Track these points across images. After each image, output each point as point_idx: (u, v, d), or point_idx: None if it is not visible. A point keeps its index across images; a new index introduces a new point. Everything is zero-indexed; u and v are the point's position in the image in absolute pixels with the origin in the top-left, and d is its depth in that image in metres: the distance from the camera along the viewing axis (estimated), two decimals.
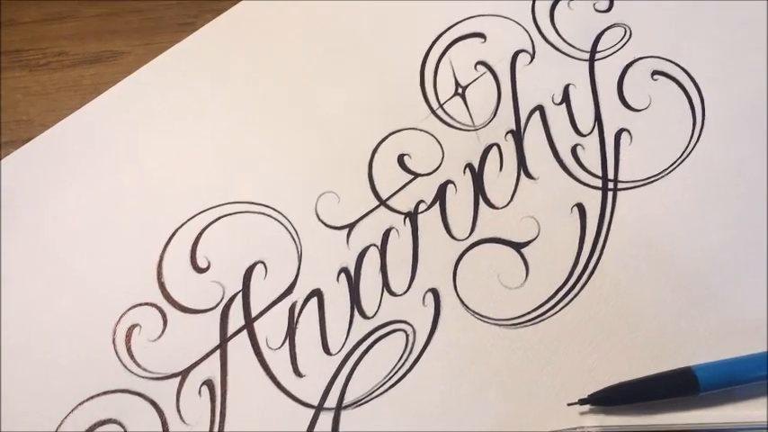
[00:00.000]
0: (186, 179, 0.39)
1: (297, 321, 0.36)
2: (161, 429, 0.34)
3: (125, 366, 0.35)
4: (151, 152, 0.40)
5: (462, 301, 0.37)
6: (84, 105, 0.40)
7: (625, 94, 0.41)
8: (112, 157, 0.39)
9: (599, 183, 0.39)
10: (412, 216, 0.38)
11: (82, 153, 0.39)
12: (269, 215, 0.38)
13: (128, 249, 0.37)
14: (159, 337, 0.36)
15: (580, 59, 0.42)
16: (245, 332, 0.36)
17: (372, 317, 0.36)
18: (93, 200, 0.38)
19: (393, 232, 0.38)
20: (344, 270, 0.37)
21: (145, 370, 0.35)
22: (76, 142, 0.39)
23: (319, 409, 0.35)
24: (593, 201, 0.39)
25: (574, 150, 0.40)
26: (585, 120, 0.41)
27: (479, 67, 0.42)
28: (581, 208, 0.39)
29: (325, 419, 0.34)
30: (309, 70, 0.42)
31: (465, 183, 0.39)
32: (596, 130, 0.40)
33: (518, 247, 0.38)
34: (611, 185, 0.39)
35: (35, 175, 0.39)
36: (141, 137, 0.40)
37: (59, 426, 0.34)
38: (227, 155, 0.40)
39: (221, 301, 0.36)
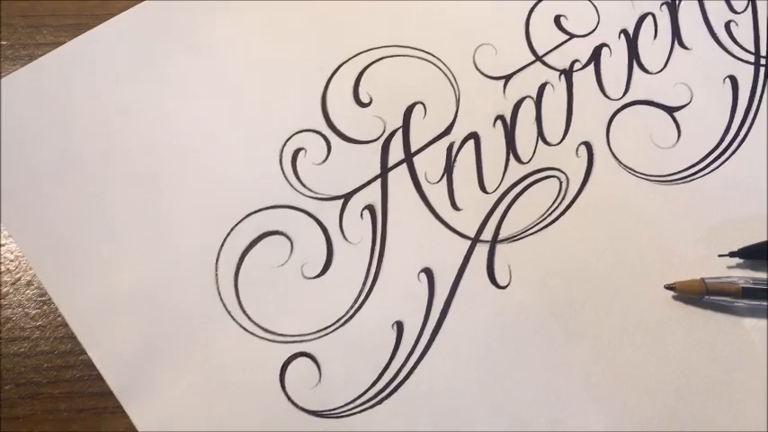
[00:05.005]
0: (353, 19, 0.40)
1: (454, 160, 0.37)
2: (325, 244, 0.35)
3: (291, 185, 0.36)
4: None
5: (615, 156, 0.37)
6: None
7: None
8: None
9: (751, 58, 0.40)
10: (567, 73, 0.39)
11: None
12: (429, 61, 0.39)
13: (294, 78, 0.38)
14: (323, 161, 0.37)
15: None
16: (404, 165, 0.37)
17: (527, 162, 0.37)
18: (264, 29, 0.39)
19: (548, 87, 0.39)
20: (501, 117, 0.38)
21: (309, 190, 0.36)
22: None
23: (476, 240, 0.36)
24: (745, 74, 0.39)
25: (727, 26, 0.40)
26: None
27: None
28: (733, 80, 0.39)
29: (481, 250, 0.36)
30: None
31: (620, 47, 0.40)
32: (750, 8, 0.41)
33: (671, 110, 0.38)
34: (763, 61, 0.40)
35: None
36: None
37: (230, 231, 0.35)
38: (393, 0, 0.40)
39: (382, 134, 0.37)
